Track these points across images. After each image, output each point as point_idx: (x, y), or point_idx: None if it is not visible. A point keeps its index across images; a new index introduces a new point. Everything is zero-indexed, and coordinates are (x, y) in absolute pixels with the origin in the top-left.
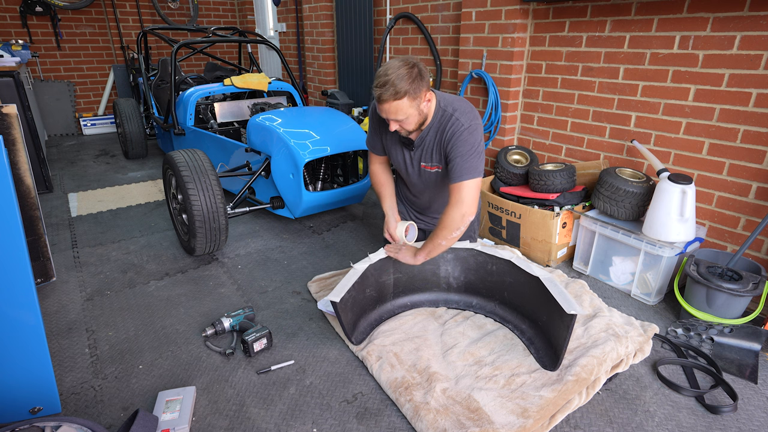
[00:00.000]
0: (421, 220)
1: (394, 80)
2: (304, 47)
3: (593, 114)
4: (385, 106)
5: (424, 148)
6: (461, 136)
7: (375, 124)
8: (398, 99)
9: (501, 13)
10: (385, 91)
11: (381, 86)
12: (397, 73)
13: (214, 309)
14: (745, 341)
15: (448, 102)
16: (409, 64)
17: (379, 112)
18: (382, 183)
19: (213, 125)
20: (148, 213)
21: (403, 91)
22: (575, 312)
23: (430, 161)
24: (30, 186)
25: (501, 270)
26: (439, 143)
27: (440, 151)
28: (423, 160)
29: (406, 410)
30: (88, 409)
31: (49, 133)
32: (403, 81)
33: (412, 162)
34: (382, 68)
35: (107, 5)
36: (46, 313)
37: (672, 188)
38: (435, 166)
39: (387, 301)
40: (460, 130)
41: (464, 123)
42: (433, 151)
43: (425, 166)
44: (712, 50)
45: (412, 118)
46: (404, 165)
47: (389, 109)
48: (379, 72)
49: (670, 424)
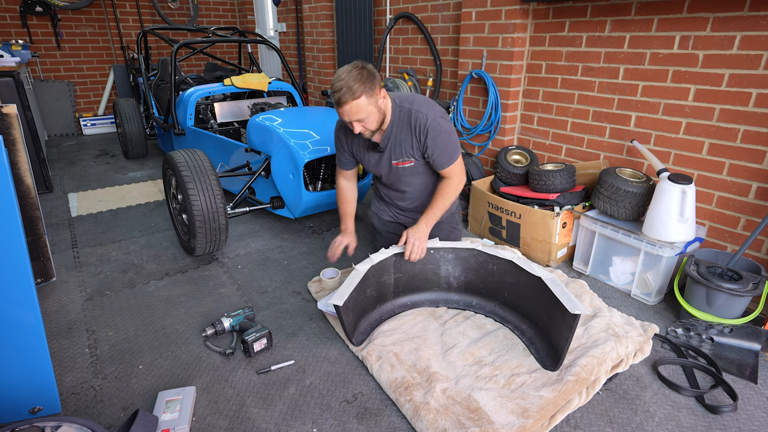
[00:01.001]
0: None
1: (349, 81)
2: (304, 47)
3: (593, 114)
4: (345, 108)
5: (392, 146)
6: (434, 130)
7: (341, 138)
8: (356, 98)
9: (501, 13)
10: (343, 94)
11: (338, 90)
12: (350, 75)
13: (214, 309)
14: (745, 341)
15: (403, 98)
16: (358, 67)
17: (340, 117)
18: (346, 200)
19: (213, 125)
20: (148, 213)
21: (360, 91)
22: (579, 312)
23: (400, 157)
24: (30, 186)
25: (502, 270)
26: (409, 138)
27: (412, 145)
28: (393, 158)
29: (406, 410)
30: (88, 409)
31: (49, 133)
32: (357, 81)
33: (384, 163)
34: (335, 76)
35: (107, 5)
36: (46, 313)
37: (672, 188)
38: (407, 161)
39: (387, 300)
40: (430, 124)
41: (428, 114)
42: (402, 146)
43: (397, 163)
44: (712, 50)
45: (372, 116)
46: (378, 168)
47: (350, 110)
48: (333, 80)
49: (670, 424)
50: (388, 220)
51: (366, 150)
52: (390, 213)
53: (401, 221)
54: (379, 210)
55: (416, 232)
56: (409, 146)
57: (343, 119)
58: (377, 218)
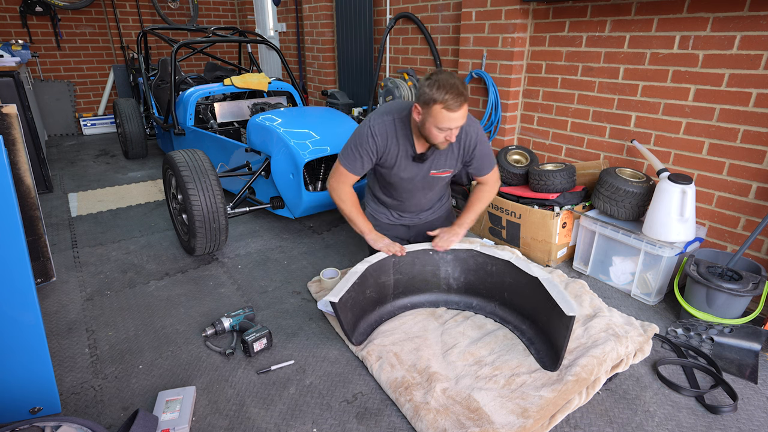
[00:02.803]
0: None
1: (459, 86)
2: (304, 47)
3: (593, 114)
4: (459, 113)
5: (436, 157)
6: (481, 143)
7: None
8: (466, 102)
9: (501, 13)
10: (458, 98)
11: (457, 94)
12: (456, 79)
13: (214, 309)
14: (745, 341)
15: None
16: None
17: (448, 122)
18: (355, 203)
19: (213, 125)
20: (148, 213)
21: (467, 95)
22: (574, 314)
23: (442, 167)
24: (30, 186)
25: (501, 271)
26: (456, 149)
27: (456, 156)
28: (434, 168)
29: (406, 410)
30: (88, 409)
31: (49, 133)
32: (464, 86)
33: (421, 173)
34: (442, 78)
35: (107, 5)
36: (46, 313)
37: (672, 188)
38: (446, 171)
39: (387, 302)
40: (479, 138)
41: (475, 126)
42: (447, 157)
43: (435, 173)
44: (712, 50)
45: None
46: (410, 177)
47: (461, 114)
48: (441, 82)
49: (670, 424)
50: (386, 222)
51: (405, 159)
52: (390, 216)
53: (403, 222)
54: (376, 212)
55: (451, 233)
56: (453, 157)
57: (448, 126)
58: (374, 220)
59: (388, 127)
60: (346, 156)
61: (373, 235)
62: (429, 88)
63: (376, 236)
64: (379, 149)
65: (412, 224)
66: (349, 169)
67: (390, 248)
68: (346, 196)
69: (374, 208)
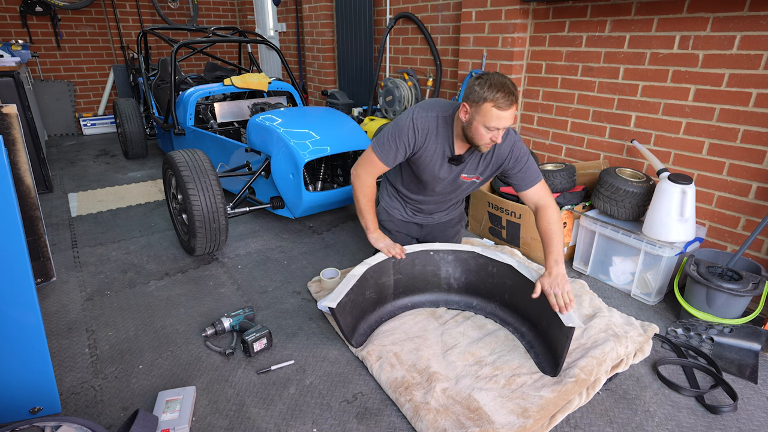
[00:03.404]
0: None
1: (510, 85)
2: (304, 47)
3: (593, 114)
4: (508, 112)
5: (470, 161)
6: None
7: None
8: (516, 102)
9: (501, 13)
10: (510, 97)
11: (508, 93)
12: (508, 80)
13: (214, 309)
14: (745, 341)
15: None
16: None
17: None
18: (371, 199)
19: (213, 125)
20: (148, 213)
21: (517, 96)
22: (573, 325)
23: (473, 172)
24: (30, 186)
25: (502, 272)
26: (490, 158)
27: (487, 164)
28: (465, 172)
29: (406, 410)
30: (88, 409)
31: (49, 133)
32: (515, 87)
33: (451, 175)
34: (494, 78)
35: (107, 5)
36: (46, 313)
37: (672, 188)
38: (475, 177)
39: (387, 302)
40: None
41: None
42: (479, 164)
43: (465, 177)
44: (712, 50)
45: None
46: (440, 177)
47: (510, 114)
48: (492, 81)
49: (670, 424)
50: (400, 218)
51: (441, 158)
52: (404, 212)
53: (416, 220)
54: (390, 207)
55: (559, 279)
56: (484, 166)
57: (496, 125)
58: (387, 215)
59: (431, 123)
60: (381, 144)
61: (377, 234)
62: (480, 87)
63: (379, 235)
64: (418, 143)
65: (425, 223)
66: (381, 158)
67: (390, 250)
68: (368, 189)
69: (388, 203)
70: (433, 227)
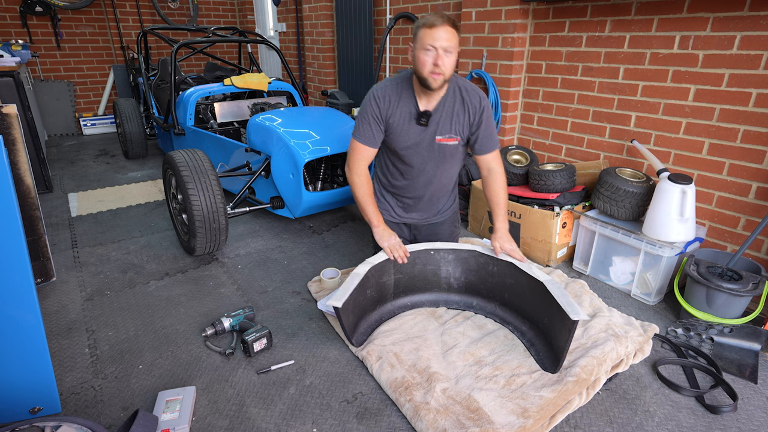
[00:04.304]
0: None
1: (441, 12)
2: (304, 47)
3: (593, 114)
4: (441, 31)
5: (441, 119)
6: (487, 110)
7: (379, 105)
8: (453, 27)
9: (501, 13)
10: (441, 17)
11: (438, 15)
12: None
13: (214, 309)
14: (745, 341)
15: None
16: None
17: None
18: (369, 190)
19: (213, 125)
20: (148, 213)
21: (456, 25)
22: (579, 318)
23: (447, 133)
24: (30, 186)
25: (502, 271)
26: (462, 113)
27: (462, 121)
28: (439, 134)
29: (406, 410)
30: (88, 409)
31: (49, 133)
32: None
33: (426, 138)
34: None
35: (107, 5)
36: (46, 313)
37: (672, 188)
38: (453, 138)
39: (387, 301)
40: (485, 104)
41: (480, 93)
42: (452, 121)
43: (442, 140)
44: (712, 50)
45: (454, 57)
46: (416, 144)
47: (445, 34)
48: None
49: (670, 424)
50: (390, 220)
51: (409, 121)
52: (393, 212)
53: (406, 220)
54: (382, 206)
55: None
56: (458, 122)
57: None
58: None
59: (389, 89)
60: (356, 130)
61: (381, 230)
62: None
63: (384, 230)
64: (383, 111)
65: (418, 223)
66: (362, 140)
67: (394, 251)
68: (363, 178)
69: (381, 203)
70: (426, 230)
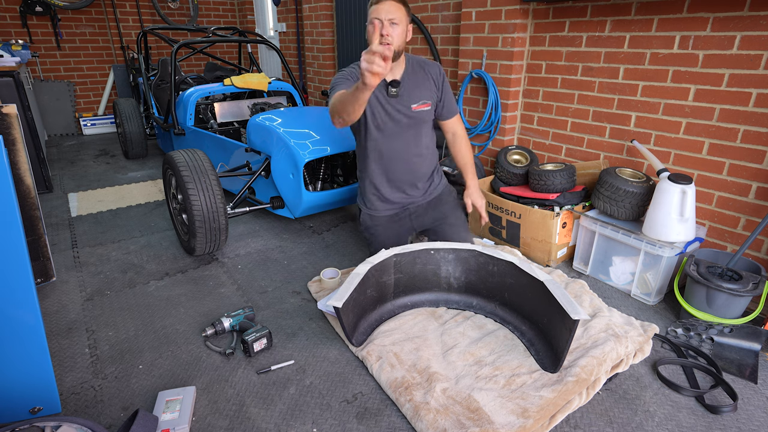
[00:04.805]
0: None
1: None
2: (304, 47)
3: (593, 114)
4: (385, 4)
5: (410, 88)
6: (443, 73)
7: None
8: (398, 1)
9: (501, 13)
10: None
11: None
12: None
13: (214, 309)
14: (745, 341)
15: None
16: None
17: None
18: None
19: (213, 125)
20: (148, 213)
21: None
22: (580, 317)
23: (420, 99)
24: (30, 186)
25: (502, 271)
26: (427, 80)
27: (429, 87)
28: (412, 102)
29: (406, 410)
30: (88, 409)
31: (49, 133)
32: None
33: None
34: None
35: (107, 5)
36: (46, 313)
37: (672, 188)
38: (426, 103)
39: (387, 301)
40: (442, 71)
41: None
42: (420, 88)
43: (417, 107)
44: (712, 50)
45: (401, 28)
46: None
47: (389, 7)
48: None
49: (670, 424)
50: (385, 214)
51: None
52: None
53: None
54: (372, 209)
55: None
56: (426, 88)
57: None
58: (371, 220)
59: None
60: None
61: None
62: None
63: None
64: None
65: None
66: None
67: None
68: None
69: (371, 202)
70: (423, 211)
